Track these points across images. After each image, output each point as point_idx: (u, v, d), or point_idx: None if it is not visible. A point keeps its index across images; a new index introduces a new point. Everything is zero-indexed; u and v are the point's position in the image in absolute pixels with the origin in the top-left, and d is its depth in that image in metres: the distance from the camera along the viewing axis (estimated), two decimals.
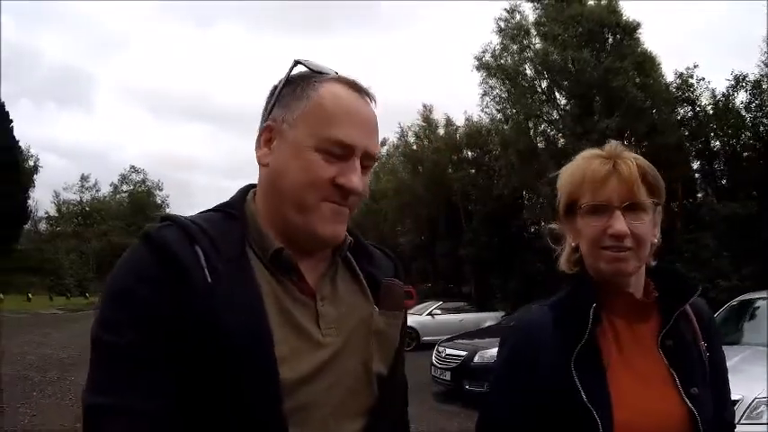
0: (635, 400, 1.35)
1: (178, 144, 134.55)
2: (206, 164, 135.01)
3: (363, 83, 1.26)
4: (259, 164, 1.25)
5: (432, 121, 40.60)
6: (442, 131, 39.37)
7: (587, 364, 1.37)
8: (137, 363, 1.03)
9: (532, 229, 27.99)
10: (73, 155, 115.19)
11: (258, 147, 1.25)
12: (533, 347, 1.43)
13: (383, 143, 43.59)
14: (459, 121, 37.08)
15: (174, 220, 1.16)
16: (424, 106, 40.99)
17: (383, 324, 1.28)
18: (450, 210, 33.83)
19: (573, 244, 1.52)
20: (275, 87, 1.26)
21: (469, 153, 36.01)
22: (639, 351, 1.42)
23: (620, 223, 1.38)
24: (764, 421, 4.93)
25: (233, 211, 1.23)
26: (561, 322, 1.44)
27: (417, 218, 37.09)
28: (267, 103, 1.27)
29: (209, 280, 1.07)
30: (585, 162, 1.46)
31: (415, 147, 40.62)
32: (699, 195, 26.26)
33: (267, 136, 1.23)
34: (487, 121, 32.72)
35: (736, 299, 8.53)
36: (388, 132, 43.14)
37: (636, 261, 1.41)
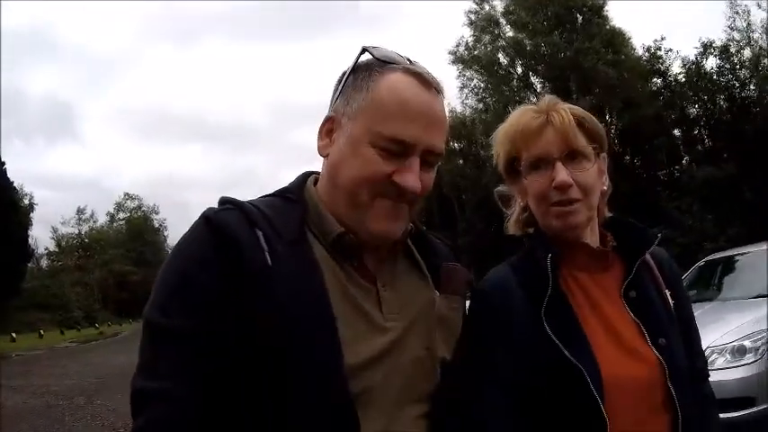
0: (611, 352, 1.33)
1: (172, 164, 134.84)
2: (201, 181, 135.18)
3: (432, 74, 1.22)
4: (320, 154, 1.25)
5: None
6: None
7: (559, 317, 1.34)
8: (187, 348, 1.02)
9: None
10: (66, 187, 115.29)
11: (320, 137, 1.24)
12: (505, 308, 1.38)
13: None
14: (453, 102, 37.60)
15: (234, 203, 1.15)
16: None
17: (445, 309, 1.27)
18: (443, 201, 34.32)
19: (522, 203, 1.49)
20: (342, 75, 1.24)
21: (456, 144, 36.63)
22: (607, 302, 1.39)
23: (562, 174, 1.35)
24: (716, 367, 5.53)
25: (292, 196, 1.22)
26: (524, 280, 1.41)
27: None
28: (334, 92, 1.25)
29: (270, 262, 1.06)
30: (517, 117, 1.43)
31: None
32: (683, 162, 26.87)
33: (329, 127, 1.23)
34: (470, 111, 33.58)
35: (703, 260, 9.16)
36: None
37: (586, 211, 1.39)
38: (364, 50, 1.22)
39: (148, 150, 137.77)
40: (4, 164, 41.83)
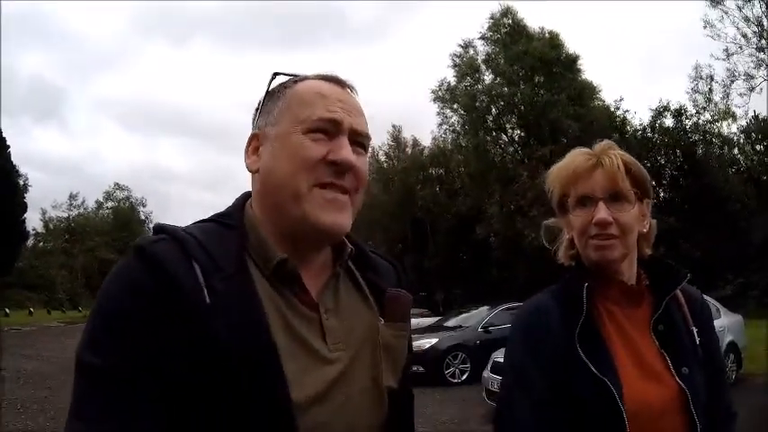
0: (635, 376, 1.40)
1: (155, 157, 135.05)
2: (182, 176, 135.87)
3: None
4: (250, 172, 1.19)
5: (400, 141, 43.97)
6: (409, 151, 42.57)
7: (590, 340, 1.41)
8: (120, 388, 0.95)
9: (491, 240, 30.40)
10: (49, 168, 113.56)
11: (247, 157, 1.19)
12: (542, 328, 1.46)
13: None
14: (426, 140, 39.94)
15: (170, 233, 1.07)
16: (394, 127, 44.40)
17: (390, 336, 1.22)
18: (417, 224, 36.54)
19: (568, 237, 1.56)
20: (258, 102, 1.23)
21: (434, 171, 38.92)
22: (636, 334, 1.46)
23: (602, 212, 1.43)
24: None
25: (230, 222, 1.14)
26: (561, 305, 1.48)
27: (387, 232, 39.05)
28: (253, 119, 1.24)
29: (208, 301, 0.99)
30: (572, 159, 1.52)
31: (385, 165, 43.55)
32: None
33: (254, 144, 1.19)
34: (448, 144, 36.15)
35: None
36: None
37: (622, 248, 1.46)
38: (276, 75, 1.22)
39: (133, 141, 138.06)
40: (8, 147, 44.23)
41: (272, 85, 1.23)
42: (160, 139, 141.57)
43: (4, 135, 44.47)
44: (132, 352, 0.97)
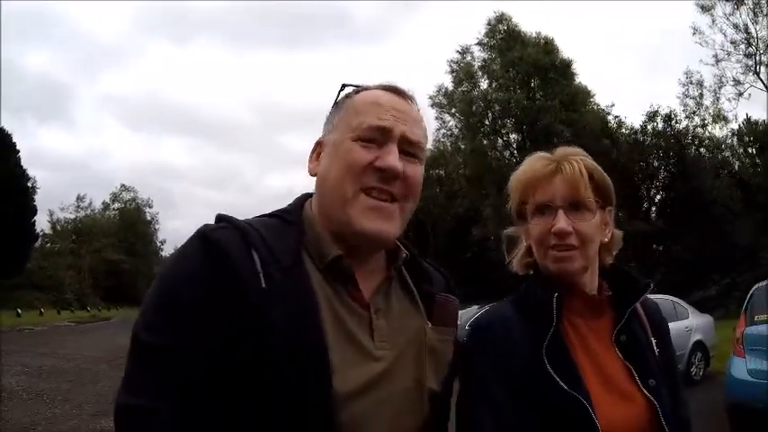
0: (602, 391, 1.35)
1: (159, 154, 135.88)
2: (187, 174, 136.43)
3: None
4: (310, 175, 1.25)
5: None
6: None
7: (556, 354, 1.36)
8: (171, 365, 1.00)
9: (489, 242, 31.09)
10: (53, 167, 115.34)
11: (310, 161, 1.26)
12: (505, 341, 1.38)
13: None
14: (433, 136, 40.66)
15: (231, 222, 1.13)
16: None
17: (436, 340, 1.25)
18: (418, 225, 37.49)
19: (526, 245, 1.51)
20: (328, 114, 1.28)
21: (434, 173, 39.38)
22: (598, 345, 1.41)
23: (561, 222, 1.38)
24: None
25: (290, 218, 1.19)
26: (528, 315, 1.41)
27: None
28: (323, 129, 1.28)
29: (264, 285, 1.04)
30: (531, 163, 1.47)
31: None
32: (620, 215, 30.46)
33: (318, 151, 1.25)
34: (446, 147, 37.02)
35: None
36: None
37: (582, 260, 1.41)
38: (344, 86, 1.27)
39: (137, 139, 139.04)
40: (18, 151, 45.31)
41: (340, 96, 1.28)
42: (164, 137, 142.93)
43: (13, 139, 45.65)
44: (186, 333, 1.01)
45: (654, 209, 28.92)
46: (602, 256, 1.50)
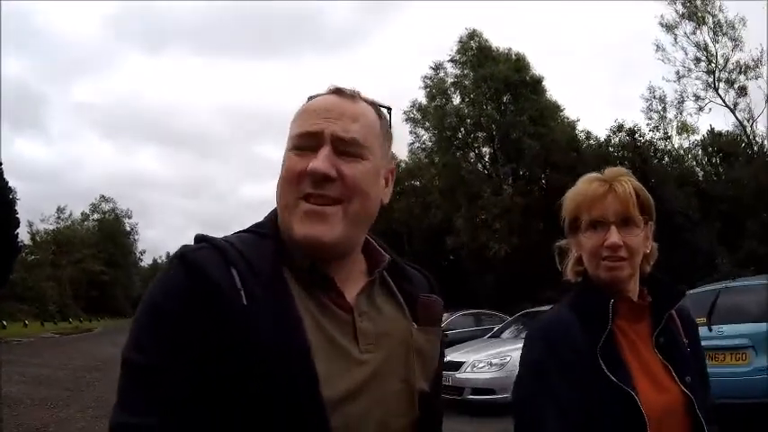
0: (648, 386, 1.51)
1: (138, 164, 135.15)
2: (161, 183, 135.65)
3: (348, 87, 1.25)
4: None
5: None
6: None
7: (608, 353, 1.50)
8: (162, 384, 1.02)
9: (462, 253, 32.08)
10: (27, 176, 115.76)
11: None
12: (567, 340, 1.51)
13: None
14: (403, 152, 40.92)
15: (209, 241, 1.14)
16: None
17: (423, 340, 1.26)
18: (394, 235, 38.14)
19: (576, 255, 1.68)
20: None
21: (409, 184, 40.07)
22: (642, 346, 1.57)
23: (614, 236, 1.53)
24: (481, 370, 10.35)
25: (265, 231, 1.20)
26: (584, 318, 1.55)
27: None
28: None
29: (245, 302, 1.05)
30: (585, 185, 1.62)
31: None
32: None
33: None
34: (420, 159, 38.11)
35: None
36: None
37: (630, 269, 1.57)
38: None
39: (111, 147, 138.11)
40: (1, 164, 45.79)
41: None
42: (139, 146, 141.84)
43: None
44: (174, 351, 1.03)
45: None
46: (642, 265, 1.65)
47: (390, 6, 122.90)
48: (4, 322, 36.47)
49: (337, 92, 1.24)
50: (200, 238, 1.17)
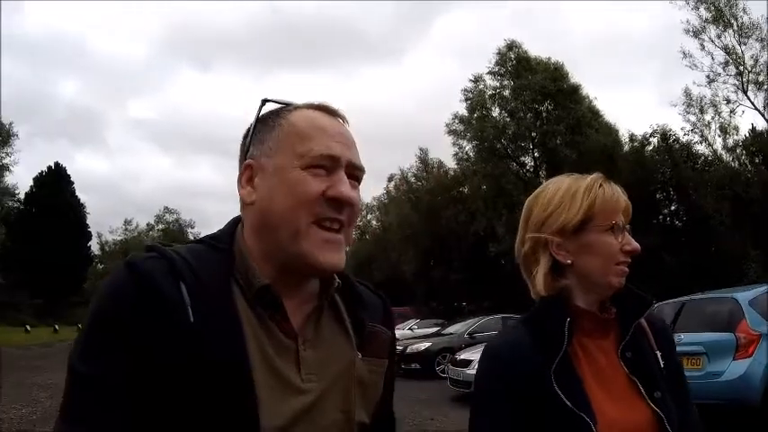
0: (609, 406, 1.41)
1: (194, 175, 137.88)
2: (213, 191, 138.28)
3: (335, 106, 1.24)
4: (244, 203, 1.19)
5: (427, 163, 47.50)
6: (435, 172, 45.80)
7: (565, 376, 1.41)
8: (101, 395, 1.00)
9: (502, 261, 32.68)
10: (86, 188, 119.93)
11: (240, 187, 1.19)
12: (516, 362, 1.44)
13: (390, 179, 50.53)
14: (451, 160, 42.01)
15: (159, 251, 1.11)
16: (420, 149, 48.08)
17: (366, 372, 1.23)
18: (443, 241, 39.19)
19: (548, 265, 1.52)
20: (248, 129, 1.22)
21: (456, 193, 41.46)
22: (606, 362, 1.48)
23: (635, 242, 1.49)
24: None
25: (220, 245, 1.17)
26: (538, 338, 1.46)
27: (417, 247, 41.36)
28: (242, 146, 1.23)
29: (192, 319, 1.03)
30: (591, 183, 1.52)
31: (413, 186, 47.03)
32: None
33: (248, 174, 1.19)
34: (462, 170, 39.15)
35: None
36: (390, 168, 49.61)
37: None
38: (265, 101, 1.22)
39: (168, 160, 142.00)
40: (73, 183, 49.55)
41: (263, 112, 1.22)
42: (195, 157, 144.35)
43: (68, 171, 49.92)
44: (115, 361, 1.01)
45: (653, 223, 30.16)
46: None
47: (429, 15, 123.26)
48: (80, 325, 39.05)
49: (334, 114, 1.23)
50: (151, 248, 1.14)
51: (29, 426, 9.07)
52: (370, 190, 53.79)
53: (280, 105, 1.23)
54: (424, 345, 18.39)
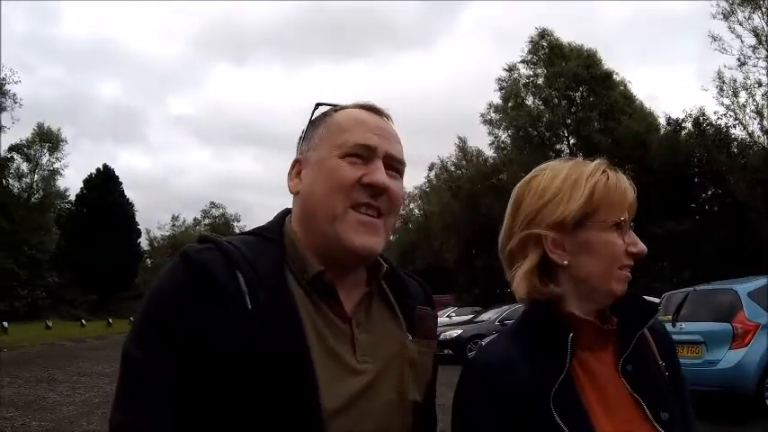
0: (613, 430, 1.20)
1: (234, 167, 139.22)
2: (255, 183, 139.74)
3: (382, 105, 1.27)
4: (292, 193, 1.26)
5: (466, 151, 47.67)
6: (474, 160, 46.04)
7: (566, 401, 1.19)
8: (159, 382, 1.02)
9: None
10: (132, 184, 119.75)
11: (289, 180, 1.26)
12: (506, 384, 1.21)
13: (431, 168, 50.87)
14: (489, 149, 42.19)
15: (214, 242, 1.13)
16: (459, 138, 48.35)
17: (417, 353, 1.25)
18: (485, 228, 38.20)
19: (533, 263, 1.28)
20: (302, 131, 1.29)
21: (495, 181, 40.67)
22: (605, 378, 1.25)
23: (642, 244, 1.27)
24: None
25: (271, 235, 1.21)
26: (534, 353, 1.24)
27: (459, 236, 41.74)
28: (297, 145, 1.30)
29: (250, 306, 1.05)
30: (620, 179, 1.29)
31: (453, 175, 47.34)
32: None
33: (297, 169, 1.26)
34: (499, 159, 39.47)
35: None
36: (429, 157, 50.21)
37: None
38: (318, 105, 1.28)
39: (207, 153, 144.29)
40: (121, 183, 51.53)
41: (315, 115, 1.28)
42: (234, 149, 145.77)
43: (117, 173, 52.04)
44: (173, 349, 1.03)
45: (691, 208, 30.06)
46: None
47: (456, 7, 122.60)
48: (132, 318, 40.64)
49: (377, 111, 1.27)
50: (204, 239, 1.15)
51: (92, 408, 9.69)
52: (412, 179, 53.78)
53: (330, 107, 1.30)
54: (456, 332, 19.12)
